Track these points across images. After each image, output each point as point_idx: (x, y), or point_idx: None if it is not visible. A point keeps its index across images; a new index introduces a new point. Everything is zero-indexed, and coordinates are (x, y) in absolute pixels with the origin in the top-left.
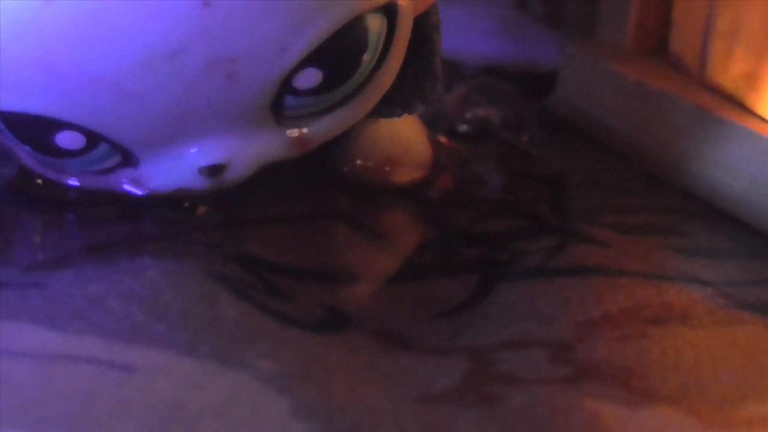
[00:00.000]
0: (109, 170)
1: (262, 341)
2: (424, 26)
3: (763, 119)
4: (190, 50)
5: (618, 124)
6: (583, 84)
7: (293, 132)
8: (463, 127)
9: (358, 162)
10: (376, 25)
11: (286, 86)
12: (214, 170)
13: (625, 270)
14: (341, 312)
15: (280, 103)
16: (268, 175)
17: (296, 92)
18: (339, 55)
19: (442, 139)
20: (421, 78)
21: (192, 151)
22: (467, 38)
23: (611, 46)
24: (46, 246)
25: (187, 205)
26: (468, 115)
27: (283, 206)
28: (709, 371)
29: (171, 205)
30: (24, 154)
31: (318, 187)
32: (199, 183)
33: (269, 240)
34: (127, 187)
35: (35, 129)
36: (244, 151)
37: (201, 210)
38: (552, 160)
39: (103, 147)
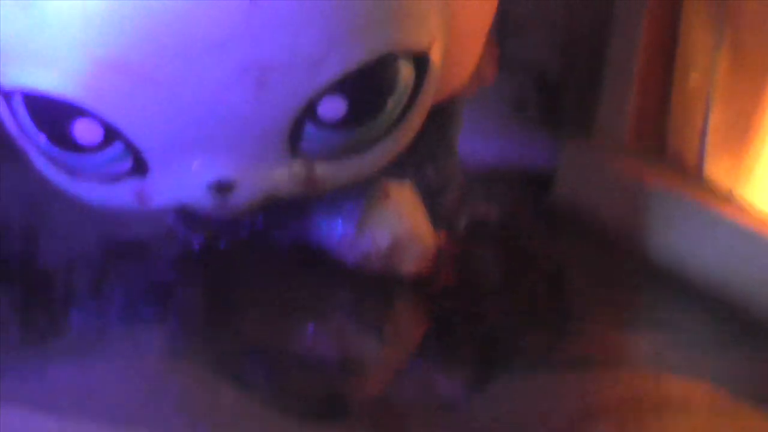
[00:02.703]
0: (118, 177)
1: (261, 428)
2: (448, 103)
3: (759, 216)
4: (229, 46)
5: (617, 220)
6: (582, 182)
7: (305, 168)
8: (462, 224)
9: (365, 245)
10: (406, 73)
11: (310, 111)
12: (222, 187)
13: (625, 362)
14: (340, 401)
15: (299, 131)
16: (270, 262)
17: (318, 121)
18: (367, 89)
19: (442, 234)
20: (437, 144)
21: (203, 163)
22: (466, 140)
23: (610, 145)
24: (47, 331)
25: None
26: (466, 212)
27: (284, 294)
28: None
29: None
30: (37, 153)
31: (319, 276)
32: (204, 200)
33: (269, 328)
34: (131, 202)
35: (55, 113)
36: (255, 173)
37: None
38: (552, 256)
39: (117, 146)
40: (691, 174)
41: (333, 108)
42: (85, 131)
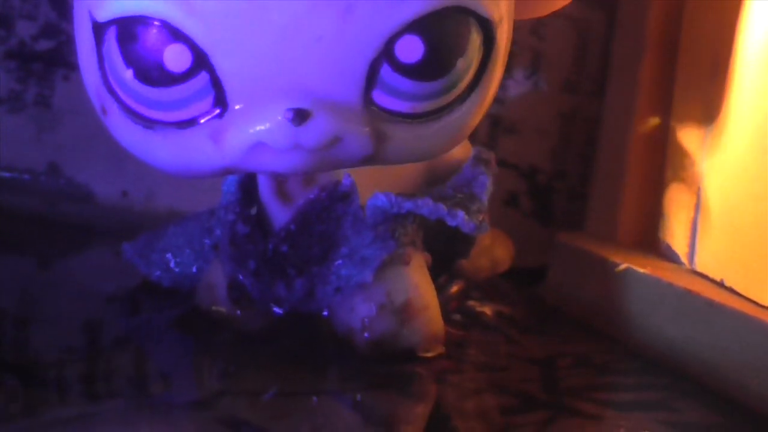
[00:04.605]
0: (195, 121)
1: None
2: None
3: (751, 301)
4: None
5: (608, 310)
6: (573, 273)
7: (375, 123)
8: (457, 317)
9: (380, 296)
10: (475, 41)
11: (388, 52)
12: (300, 115)
13: None
14: None
15: (376, 74)
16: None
17: (394, 62)
18: (442, 36)
19: None
20: (471, 192)
21: (281, 93)
22: None
23: (601, 238)
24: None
25: None
26: (462, 309)
27: (282, 377)
28: None
29: None
30: (117, 110)
31: (313, 358)
32: (280, 133)
33: (262, 410)
34: (206, 148)
35: (148, 40)
36: (329, 109)
37: None
38: (543, 344)
39: (202, 78)
40: (683, 264)
41: (410, 48)
42: (174, 58)
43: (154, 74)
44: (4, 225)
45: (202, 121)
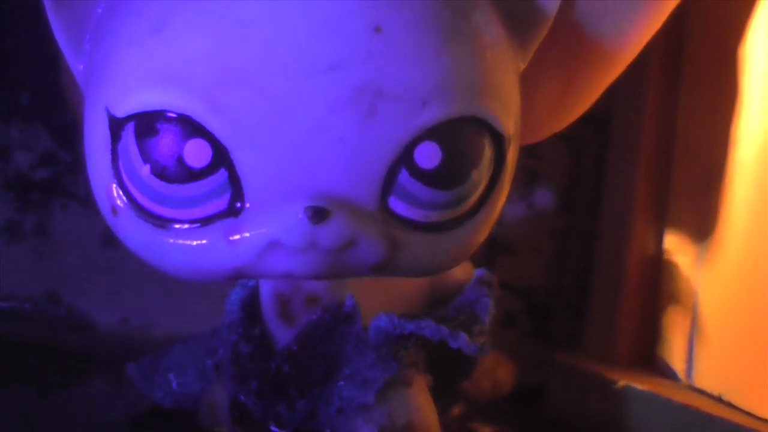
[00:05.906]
0: (209, 221)
1: None
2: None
3: (749, 414)
4: (349, 67)
5: (608, 428)
6: (573, 391)
7: (390, 229)
8: None
9: (381, 418)
10: (488, 154)
11: (407, 156)
12: (319, 213)
13: None
14: None
15: (394, 179)
16: None
17: (413, 168)
18: (459, 146)
19: None
20: (474, 314)
21: (300, 193)
22: None
23: (599, 356)
24: None
25: None
26: (464, 431)
27: None
28: None
29: None
30: (128, 210)
31: None
32: (298, 231)
33: None
34: (220, 250)
35: (168, 135)
36: (347, 210)
37: None
38: None
39: (220, 175)
40: (681, 382)
41: (429, 155)
42: (194, 153)
43: (171, 170)
44: (4, 354)
45: (216, 219)
